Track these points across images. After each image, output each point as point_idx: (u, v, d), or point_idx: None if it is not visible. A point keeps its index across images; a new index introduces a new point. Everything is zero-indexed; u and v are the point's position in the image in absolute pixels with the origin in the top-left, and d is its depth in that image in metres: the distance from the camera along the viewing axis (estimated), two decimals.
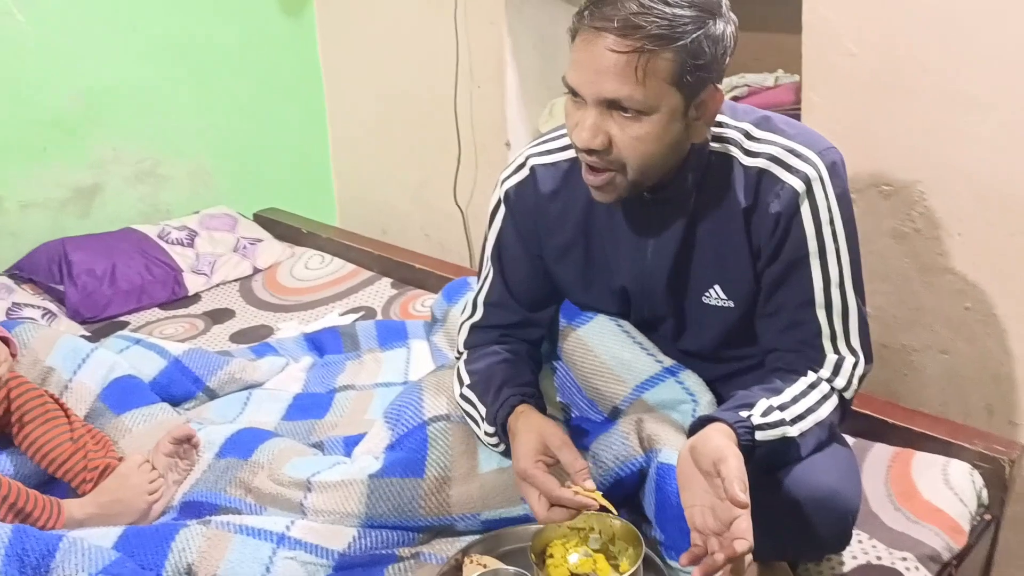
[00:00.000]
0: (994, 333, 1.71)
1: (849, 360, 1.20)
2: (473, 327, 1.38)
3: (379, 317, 2.13)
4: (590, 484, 1.10)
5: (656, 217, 1.21)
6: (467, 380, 1.32)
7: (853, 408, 1.54)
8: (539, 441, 1.15)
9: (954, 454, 1.44)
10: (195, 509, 1.32)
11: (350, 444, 1.48)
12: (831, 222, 1.17)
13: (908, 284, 1.79)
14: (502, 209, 1.33)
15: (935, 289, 1.76)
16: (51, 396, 1.41)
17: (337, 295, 2.27)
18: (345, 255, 2.47)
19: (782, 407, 1.11)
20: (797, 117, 1.87)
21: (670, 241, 1.22)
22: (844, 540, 1.14)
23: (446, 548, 1.24)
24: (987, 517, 1.42)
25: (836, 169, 1.18)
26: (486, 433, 1.25)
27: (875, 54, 1.70)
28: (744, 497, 0.94)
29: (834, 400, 1.18)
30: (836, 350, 1.20)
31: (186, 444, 1.39)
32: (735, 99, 2.11)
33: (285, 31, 2.80)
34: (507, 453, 1.22)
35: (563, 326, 1.39)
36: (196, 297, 2.30)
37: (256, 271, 2.43)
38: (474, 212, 2.62)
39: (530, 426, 1.17)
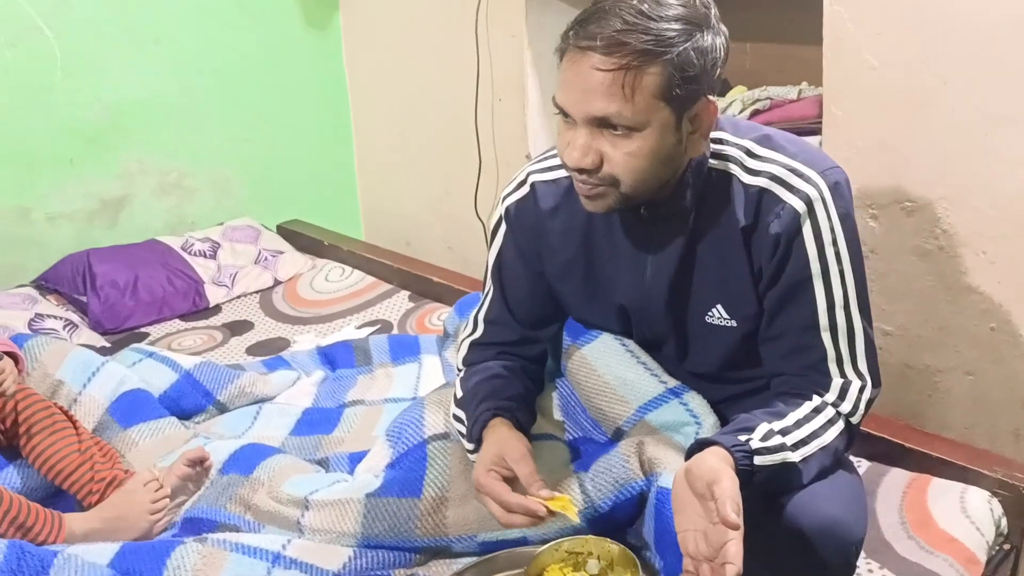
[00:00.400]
0: (1022, 355, 1.66)
1: (856, 384, 1.16)
2: (472, 344, 1.37)
3: (395, 331, 2.13)
4: (545, 493, 1.11)
5: (655, 234, 1.19)
6: (458, 397, 1.31)
7: (869, 431, 1.51)
8: (497, 453, 1.15)
9: (973, 481, 1.40)
10: (196, 526, 1.32)
11: (355, 461, 1.47)
12: (834, 243, 1.13)
13: (932, 303, 1.74)
14: (503, 226, 1.32)
15: (960, 308, 1.71)
16: (60, 408, 1.42)
17: (355, 308, 2.27)
18: (365, 267, 2.47)
19: (784, 431, 1.08)
20: (819, 131, 1.84)
21: (669, 259, 1.19)
22: (847, 572, 1.10)
23: (442, 571, 1.23)
24: (1006, 547, 1.37)
25: (839, 189, 1.15)
26: (468, 450, 1.24)
27: (897, 67, 1.66)
28: (736, 518, 0.92)
29: (840, 425, 1.14)
30: (843, 374, 1.16)
31: (199, 467, 1.40)
32: (756, 112, 2.08)
33: (311, 43, 2.82)
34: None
35: (567, 344, 1.38)
36: (217, 309, 2.32)
37: (277, 283, 2.44)
38: None
39: (493, 439, 1.17)
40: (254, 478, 1.35)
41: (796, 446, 1.08)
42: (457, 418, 1.29)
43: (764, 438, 1.06)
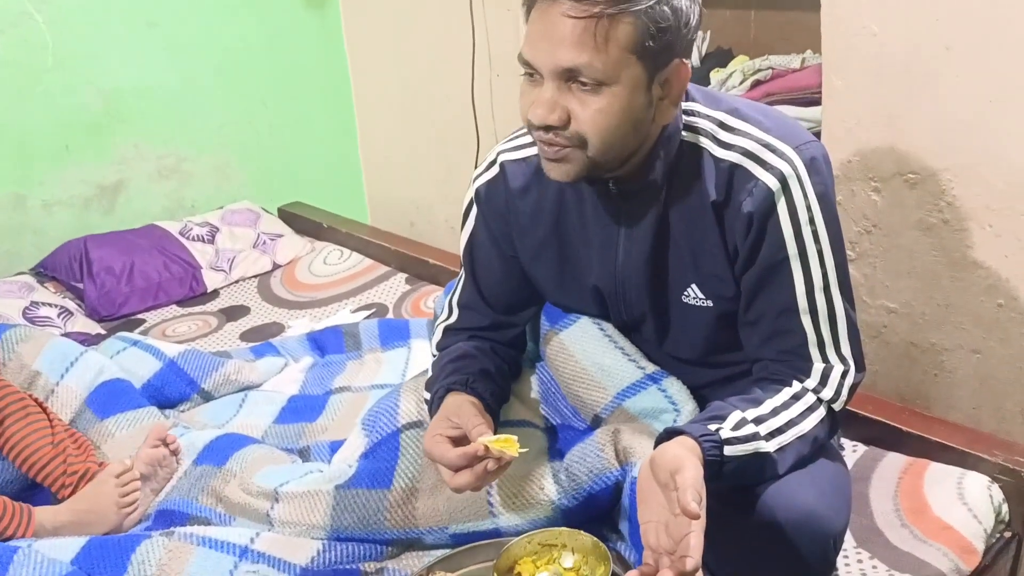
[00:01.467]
0: None
1: (838, 369, 1.11)
2: (446, 329, 1.34)
3: (390, 314, 2.10)
4: (486, 437, 1.07)
5: (626, 212, 1.14)
6: (427, 380, 1.28)
7: (866, 415, 1.46)
8: (443, 416, 1.13)
9: (972, 465, 1.34)
10: (168, 518, 1.31)
11: (336, 449, 1.45)
12: (811, 222, 1.08)
13: (936, 279, 1.68)
14: (474, 209, 1.28)
15: (965, 285, 1.64)
16: (34, 400, 1.40)
17: (351, 291, 2.24)
18: (364, 250, 2.44)
19: (758, 420, 1.03)
20: (820, 101, 1.77)
21: (642, 237, 1.15)
22: (824, 566, 1.05)
23: (413, 564, 1.20)
24: (1007, 535, 1.31)
25: (815, 165, 1.08)
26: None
27: (898, 34, 1.59)
28: (696, 508, 0.88)
29: (821, 412, 1.09)
30: (825, 358, 1.11)
31: (165, 448, 1.38)
32: (758, 83, 2.01)
33: (309, 23, 2.78)
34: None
35: (546, 330, 1.33)
36: (215, 294, 2.31)
37: (276, 267, 2.42)
38: None
39: (442, 409, 1.15)
40: (227, 469, 1.33)
41: (771, 435, 1.03)
42: (427, 401, 1.25)
43: (736, 427, 1.01)
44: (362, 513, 1.20)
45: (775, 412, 1.05)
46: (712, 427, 1.00)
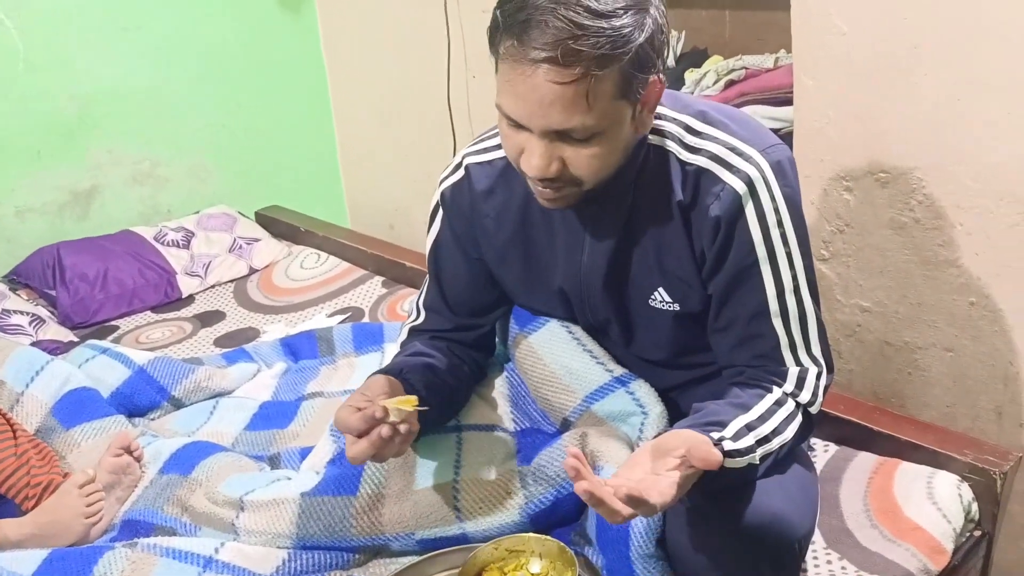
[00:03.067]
0: (1001, 330, 1.59)
1: (812, 371, 1.11)
2: (412, 330, 1.34)
3: (366, 318, 2.09)
4: (389, 400, 1.07)
5: (591, 215, 1.14)
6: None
7: (838, 414, 1.46)
8: (358, 393, 1.12)
9: (942, 465, 1.34)
10: (133, 528, 1.29)
11: (306, 456, 1.43)
12: (779, 224, 1.07)
13: (909, 278, 1.68)
14: (440, 212, 1.27)
15: (938, 283, 1.64)
16: None
17: (327, 295, 2.23)
18: (342, 253, 2.43)
19: (750, 427, 1.03)
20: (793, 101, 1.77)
21: (606, 240, 1.14)
22: (790, 569, 1.05)
23: (380, 571, 1.18)
24: (977, 533, 1.31)
25: (782, 168, 1.08)
26: None
27: (867, 33, 1.58)
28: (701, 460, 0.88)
29: (799, 419, 1.09)
30: (798, 361, 1.11)
31: (128, 456, 1.36)
32: (732, 83, 2.01)
33: (285, 25, 2.77)
34: None
35: (515, 333, 1.33)
36: (190, 299, 2.29)
37: (252, 271, 2.41)
38: None
39: (360, 387, 1.15)
40: (192, 478, 1.32)
41: (759, 443, 1.02)
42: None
43: (736, 437, 1.00)
44: (328, 520, 1.19)
45: (763, 419, 1.05)
46: (715, 435, 0.98)
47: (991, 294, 1.58)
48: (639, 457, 0.94)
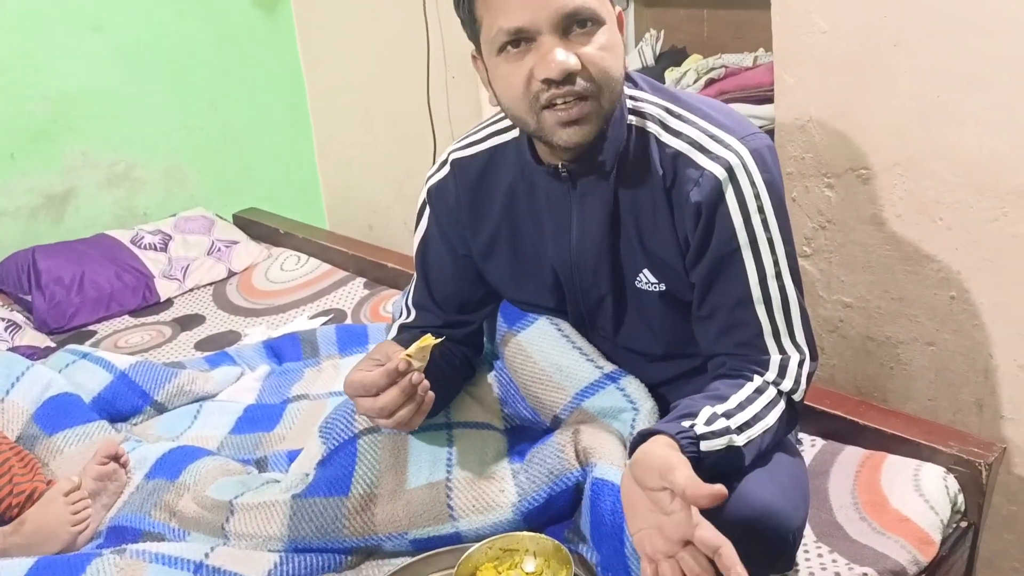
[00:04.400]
0: (981, 324, 1.61)
1: (795, 358, 1.11)
2: (402, 327, 1.35)
3: (348, 319, 2.07)
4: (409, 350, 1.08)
5: (577, 195, 1.14)
6: None
7: (824, 409, 1.47)
8: (366, 358, 1.14)
9: (928, 457, 1.35)
10: (120, 534, 1.27)
11: (294, 458, 1.42)
12: (760, 210, 1.08)
13: (890, 273, 1.69)
14: (426, 209, 1.28)
15: (918, 278, 1.66)
16: None
17: (309, 297, 2.21)
18: (321, 255, 2.41)
19: (727, 414, 1.03)
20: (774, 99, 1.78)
21: (594, 220, 1.14)
22: (784, 562, 1.06)
23: (373, 573, 1.17)
24: (963, 524, 1.32)
25: (761, 155, 1.09)
26: None
27: (847, 30, 1.60)
28: (708, 489, 0.85)
29: (781, 406, 1.09)
30: (781, 348, 1.11)
31: (114, 463, 1.34)
32: (712, 81, 2.02)
33: (261, 25, 2.74)
34: None
35: (504, 332, 1.33)
36: (168, 303, 2.26)
37: (232, 274, 2.38)
38: None
39: (366, 353, 1.17)
40: (180, 483, 1.30)
41: (740, 429, 1.03)
42: None
43: (708, 422, 1.00)
44: (320, 522, 1.18)
45: (741, 407, 1.05)
46: (686, 424, 0.99)
47: (971, 288, 1.60)
48: (633, 498, 0.94)
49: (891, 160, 1.62)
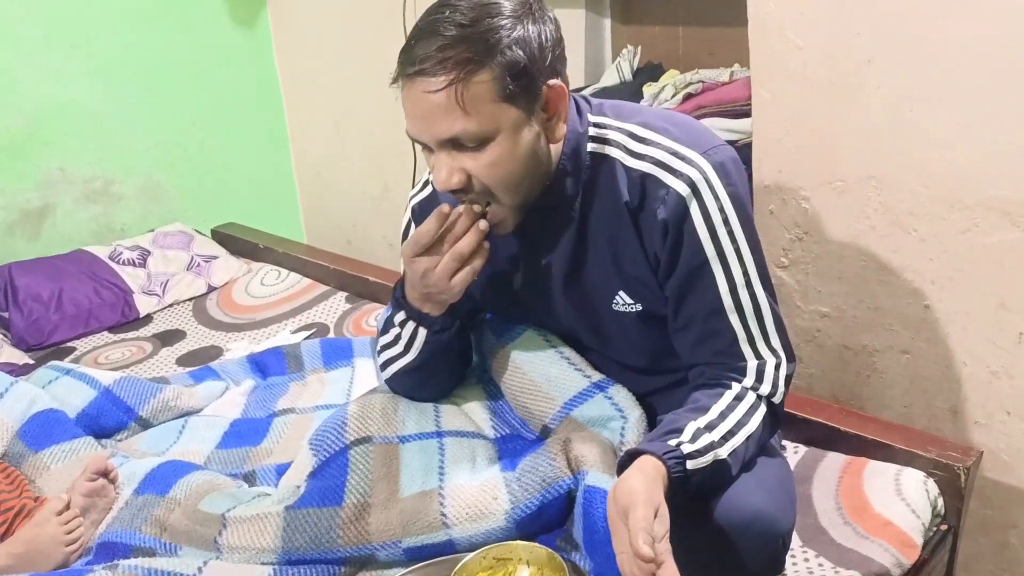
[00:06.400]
0: (955, 332, 1.65)
1: (771, 362, 1.14)
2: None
3: (331, 333, 2.08)
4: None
5: (543, 228, 1.18)
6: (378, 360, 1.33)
7: (805, 416, 1.50)
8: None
9: (908, 462, 1.38)
10: (110, 550, 1.26)
11: (282, 472, 1.41)
12: (725, 222, 1.11)
13: (866, 284, 1.73)
14: (412, 227, 1.31)
15: (893, 288, 1.70)
16: None
17: (290, 312, 2.21)
18: (302, 269, 2.42)
19: (710, 427, 1.06)
20: (750, 113, 1.82)
21: (562, 251, 1.18)
22: (774, 566, 1.08)
23: None
24: (943, 528, 1.36)
25: (724, 168, 1.12)
26: (400, 325, 1.27)
27: (821, 47, 1.64)
28: (647, 550, 0.88)
29: (762, 410, 1.12)
30: (757, 354, 1.14)
31: (104, 479, 1.33)
32: (689, 96, 2.06)
33: (238, 40, 2.75)
34: (438, 324, 1.24)
35: (492, 343, 1.34)
36: (148, 319, 2.25)
37: (211, 289, 2.38)
38: None
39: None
40: (170, 497, 1.30)
41: (724, 439, 1.05)
42: (383, 347, 1.31)
43: (693, 438, 1.03)
44: (314, 532, 1.18)
45: (723, 416, 1.07)
46: (672, 442, 1.01)
47: (944, 297, 1.64)
48: (615, 520, 0.96)
49: (865, 173, 1.67)
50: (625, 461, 1.02)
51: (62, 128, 2.42)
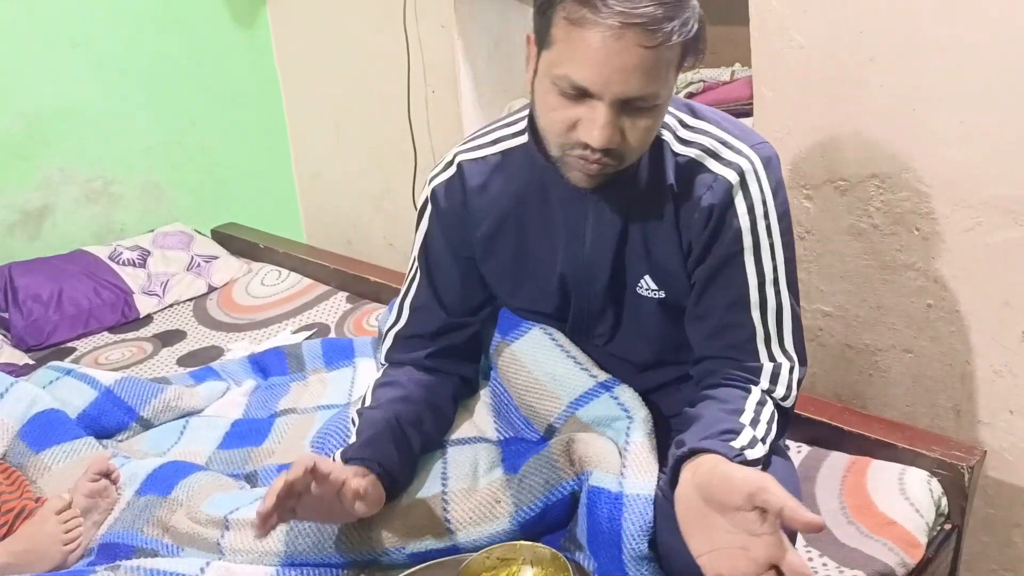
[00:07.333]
0: (958, 331, 1.65)
1: (785, 365, 1.14)
2: (397, 336, 1.33)
3: (332, 334, 2.07)
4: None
5: (594, 205, 1.15)
6: (365, 405, 1.27)
7: (808, 415, 1.49)
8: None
9: (911, 461, 1.38)
10: (112, 551, 1.26)
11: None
12: (766, 216, 1.11)
13: (868, 282, 1.73)
14: (429, 208, 1.27)
15: (896, 287, 1.70)
16: None
17: (291, 312, 2.21)
18: (302, 269, 2.41)
19: (754, 438, 1.04)
20: (752, 112, 1.81)
21: (609, 226, 1.16)
22: None
23: None
24: (947, 527, 1.35)
25: (771, 163, 1.13)
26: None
27: (822, 45, 1.64)
28: (820, 518, 0.85)
29: (777, 416, 1.12)
30: (771, 356, 1.14)
31: (106, 479, 1.33)
32: (691, 95, 2.05)
33: (238, 40, 2.74)
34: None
35: (497, 341, 1.34)
36: (148, 319, 2.25)
37: (211, 289, 2.37)
38: None
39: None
40: (172, 498, 1.29)
41: (751, 443, 1.03)
42: (354, 422, 1.25)
43: (750, 444, 1.02)
44: (317, 537, 1.17)
45: (754, 423, 1.07)
46: (736, 445, 0.99)
47: (948, 296, 1.64)
48: (697, 515, 0.91)
49: (868, 172, 1.66)
50: (685, 456, 0.98)
51: (62, 128, 2.41)
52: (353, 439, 1.20)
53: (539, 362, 1.28)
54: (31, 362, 2.00)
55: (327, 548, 1.17)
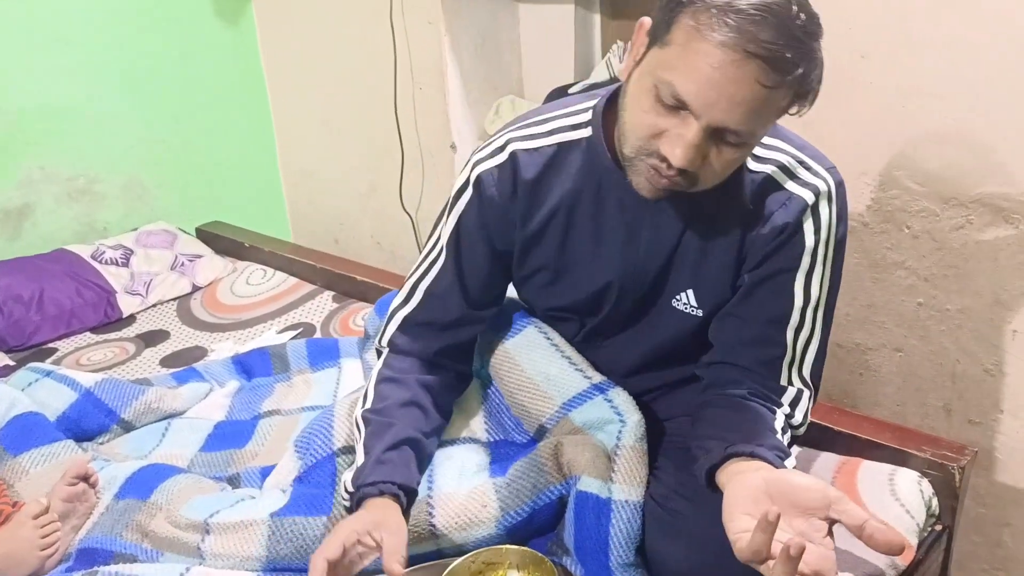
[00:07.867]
0: (948, 330, 1.64)
1: (806, 394, 1.14)
2: (407, 320, 1.26)
3: (318, 333, 2.05)
4: (397, 570, 1.01)
5: (655, 212, 1.12)
6: (369, 405, 1.21)
7: None
8: (372, 520, 1.06)
9: (902, 462, 1.37)
10: (90, 556, 1.23)
11: (267, 475, 1.39)
12: (827, 242, 1.10)
13: (858, 280, 1.72)
14: (469, 192, 1.19)
15: (886, 285, 1.69)
16: None
17: (276, 311, 2.18)
18: (288, 268, 2.38)
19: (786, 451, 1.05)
20: None
21: (666, 238, 1.13)
22: None
23: None
24: (938, 528, 1.34)
25: (841, 190, 1.12)
26: (345, 488, 1.14)
27: None
28: (892, 535, 0.85)
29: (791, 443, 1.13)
30: (790, 379, 1.14)
31: (84, 483, 1.30)
32: None
33: (223, 37, 2.71)
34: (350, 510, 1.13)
35: (491, 339, 1.31)
36: (131, 319, 2.21)
37: (196, 288, 2.34)
38: (423, 218, 2.54)
39: (375, 509, 1.08)
40: (151, 502, 1.27)
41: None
42: (359, 428, 1.20)
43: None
44: (300, 542, 1.15)
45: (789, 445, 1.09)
46: (790, 465, 1.01)
47: (938, 295, 1.63)
48: (753, 500, 0.90)
49: (858, 169, 1.65)
50: (735, 454, 0.98)
51: (43, 126, 2.37)
52: (361, 450, 1.16)
53: (533, 361, 1.26)
54: (12, 363, 1.97)
55: (310, 553, 1.15)
